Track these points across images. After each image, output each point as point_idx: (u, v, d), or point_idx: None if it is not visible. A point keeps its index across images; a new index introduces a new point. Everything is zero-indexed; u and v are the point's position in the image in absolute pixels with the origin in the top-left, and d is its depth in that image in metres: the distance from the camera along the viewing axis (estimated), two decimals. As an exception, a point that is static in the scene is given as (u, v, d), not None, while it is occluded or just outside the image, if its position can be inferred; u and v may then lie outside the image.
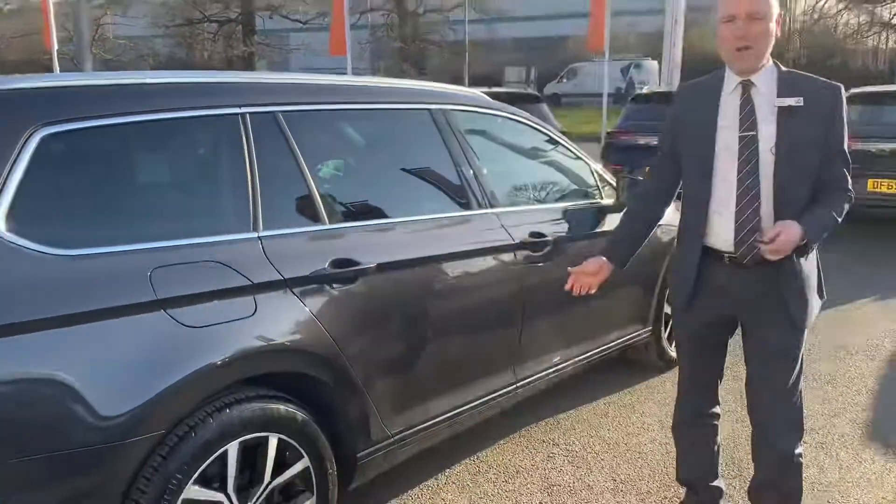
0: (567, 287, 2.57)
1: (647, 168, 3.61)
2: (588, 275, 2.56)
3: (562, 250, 3.19)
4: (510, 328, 3.01)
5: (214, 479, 2.04)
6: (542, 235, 3.10)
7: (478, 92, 3.45)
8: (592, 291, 2.60)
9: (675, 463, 2.77)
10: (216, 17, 34.55)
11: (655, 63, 30.21)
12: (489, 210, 2.97)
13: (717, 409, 2.63)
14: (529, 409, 3.60)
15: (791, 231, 2.11)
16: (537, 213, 3.22)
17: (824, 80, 2.27)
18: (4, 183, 1.78)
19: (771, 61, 2.26)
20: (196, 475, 1.97)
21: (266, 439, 2.14)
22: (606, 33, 12.76)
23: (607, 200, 3.60)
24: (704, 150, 2.27)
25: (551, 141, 3.59)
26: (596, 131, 15.30)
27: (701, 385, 2.58)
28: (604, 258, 2.57)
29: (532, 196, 3.39)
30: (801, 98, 2.18)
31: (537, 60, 41.83)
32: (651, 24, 26.81)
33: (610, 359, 3.96)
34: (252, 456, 2.13)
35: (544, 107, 10.22)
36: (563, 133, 8.54)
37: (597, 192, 3.62)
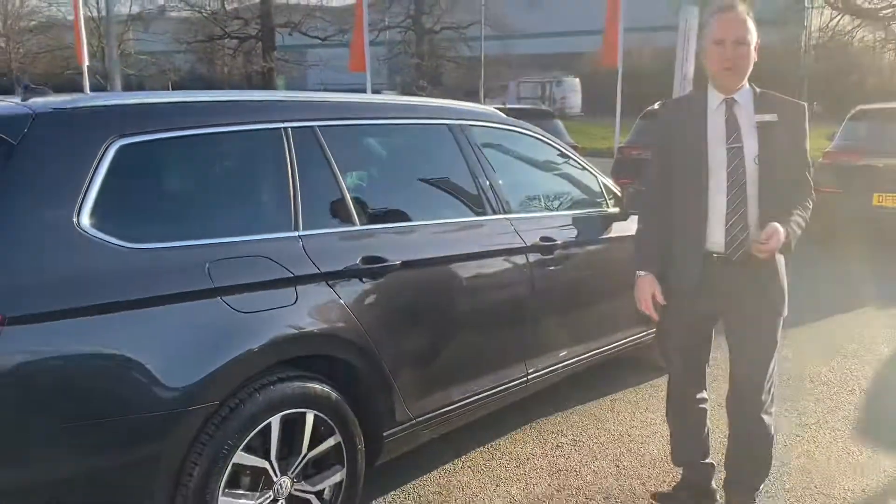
0: (651, 317, 2.74)
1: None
2: (650, 294, 2.69)
3: (570, 253, 3.47)
4: (522, 324, 3.28)
5: (259, 447, 2.32)
6: (551, 240, 3.37)
7: (493, 108, 3.74)
8: (660, 299, 2.70)
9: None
10: (237, 34, 35.21)
11: (577, 80, 30.84)
12: (503, 216, 3.25)
13: (704, 395, 2.90)
14: (540, 403, 3.85)
15: (780, 234, 2.39)
16: (548, 220, 3.49)
17: (792, 99, 2.58)
18: (88, 186, 2.08)
19: (748, 83, 2.55)
20: (244, 443, 2.25)
21: (304, 415, 2.42)
22: (620, 49, 13.02)
23: (613, 209, 3.87)
24: (698, 161, 2.54)
25: (561, 154, 3.86)
26: (610, 147, 15.56)
27: (691, 373, 2.84)
28: (643, 273, 2.72)
29: (543, 204, 3.67)
30: (776, 114, 2.47)
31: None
32: (665, 39, 27.08)
33: (616, 359, 4.22)
34: (291, 430, 2.41)
35: (558, 122, 10.54)
36: (576, 148, 8.84)
37: (603, 201, 3.89)
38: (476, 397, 3.10)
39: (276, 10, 34.78)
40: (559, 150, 3.86)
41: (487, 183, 3.24)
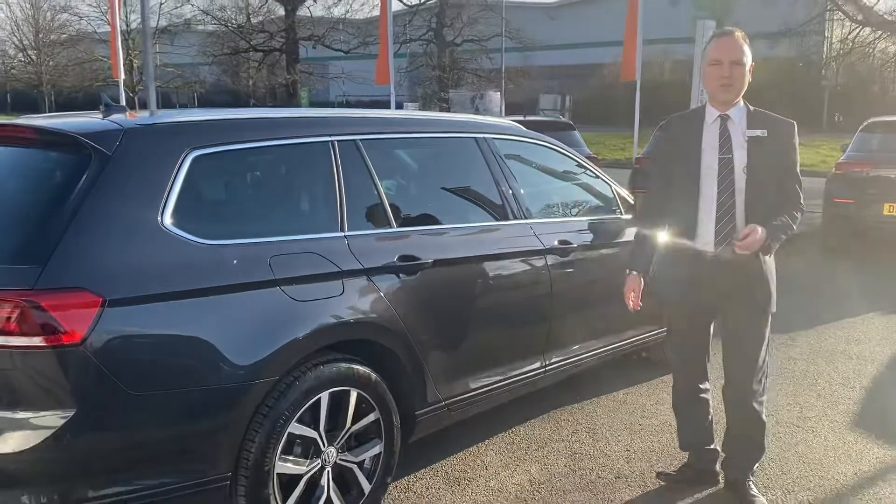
0: (632, 309, 3.12)
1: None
2: (633, 292, 3.11)
3: (585, 256, 3.78)
4: (540, 320, 3.59)
5: (310, 420, 2.65)
6: (568, 243, 3.69)
7: (514, 123, 4.07)
8: (638, 299, 3.11)
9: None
10: (261, 47, 35.87)
11: (497, 94, 32.64)
12: (524, 221, 3.57)
13: (707, 385, 3.18)
14: (557, 395, 4.16)
15: (757, 233, 2.69)
16: (565, 225, 3.81)
17: (783, 117, 2.87)
18: (169, 190, 2.44)
19: (742, 101, 2.85)
20: (298, 415, 2.58)
21: (348, 393, 2.75)
22: (638, 61, 13.30)
23: (626, 216, 4.17)
24: (692, 169, 2.86)
25: (577, 164, 4.18)
26: (629, 157, 15.82)
27: (692, 365, 3.14)
28: (634, 272, 3.12)
29: (560, 210, 3.99)
30: (766, 130, 2.77)
31: (573, 88, 42.52)
32: (684, 51, 27.31)
33: (629, 357, 4.52)
34: (337, 405, 2.74)
35: (577, 134, 10.84)
36: (595, 158, 9.14)
37: (616, 208, 4.20)
38: (498, 384, 3.41)
39: (300, 23, 35.43)
40: (575, 160, 4.17)
41: (510, 191, 3.57)
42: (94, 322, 2.18)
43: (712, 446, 3.27)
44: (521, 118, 10.77)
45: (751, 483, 3.10)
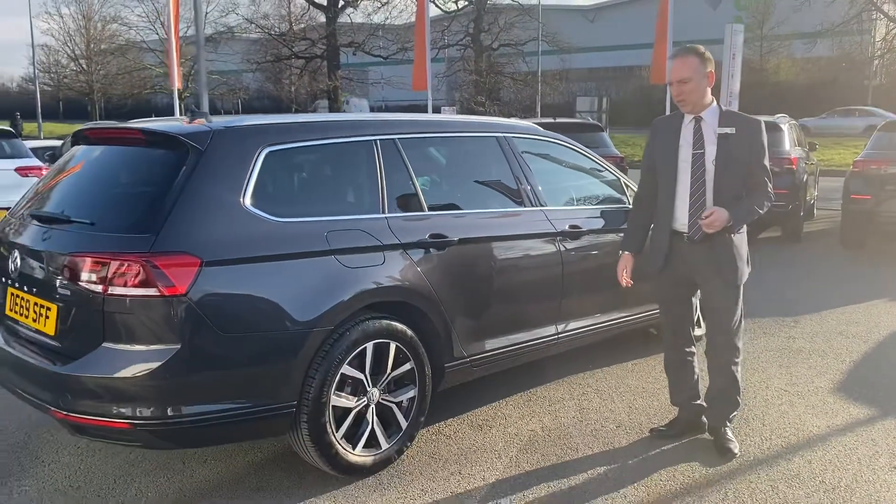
0: (624, 285, 3.70)
1: None
2: (625, 269, 3.69)
3: (594, 239, 4.35)
4: (553, 293, 4.16)
5: (358, 365, 3.27)
6: (578, 227, 4.25)
7: (532, 123, 4.65)
8: (629, 275, 3.69)
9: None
10: (303, 54, 36.83)
11: (365, 101, 33.81)
12: (539, 208, 4.15)
13: (692, 349, 3.71)
14: (571, 363, 4.72)
15: (720, 213, 3.23)
16: (575, 212, 4.38)
17: (750, 116, 3.39)
18: (248, 178, 3.08)
19: (714, 102, 3.38)
20: (349, 359, 3.20)
21: (388, 344, 3.36)
22: (669, 64, 13.69)
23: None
24: (671, 163, 3.40)
25: (589, 160, 4.74)
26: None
27: (677, 331, 3.67)
28: (626, 252, 3.70)
29: (572, 199, 4.56)
30: (734, 128, 3.30)
31: (611, 90, 42.79)
32: (713, 53, 27.48)
33: (639, 332, 5.05)
34: (380, 354, 3.35)
35: (605, 135, 11.37)
36: (622, 158, 9.65)
37: (624, 198, 4.75)
38: (516, 346, 4.00)
39: (340, 29, 36.30)
40: (588, 156, 4.73)
41: (526, 182, 4.15)
42: (195, 278, 2.83)
43: (698, 401, 3.79)
44: (551, 120, 11.33)
45: (727, 429, 3.62)
